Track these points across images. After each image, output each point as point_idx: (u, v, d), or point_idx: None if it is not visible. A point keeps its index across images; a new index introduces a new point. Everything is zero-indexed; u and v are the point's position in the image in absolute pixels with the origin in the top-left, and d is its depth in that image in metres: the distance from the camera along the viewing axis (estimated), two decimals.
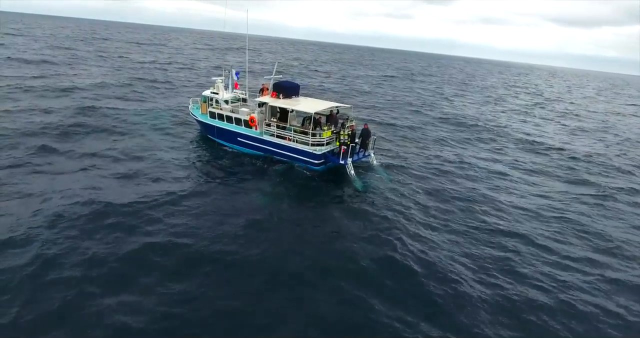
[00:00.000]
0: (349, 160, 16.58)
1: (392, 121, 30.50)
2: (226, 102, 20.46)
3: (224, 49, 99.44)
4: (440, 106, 41.28)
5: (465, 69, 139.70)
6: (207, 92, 21.38)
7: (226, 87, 21.57)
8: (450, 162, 21.18)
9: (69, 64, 44.34)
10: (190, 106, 23.78)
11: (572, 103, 58.27)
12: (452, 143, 25.80)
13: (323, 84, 48.63)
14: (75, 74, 37.77)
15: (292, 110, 17.50)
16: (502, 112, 42.17)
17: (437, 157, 22.05)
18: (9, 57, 43.16)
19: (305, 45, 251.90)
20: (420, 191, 16.39)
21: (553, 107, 51.33)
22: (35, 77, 33.91)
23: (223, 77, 21.54)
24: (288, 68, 65.63)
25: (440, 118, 34.04)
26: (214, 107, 20.60)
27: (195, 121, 22.87)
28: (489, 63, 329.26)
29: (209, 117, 20.93)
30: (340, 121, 18.08)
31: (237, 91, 21.87)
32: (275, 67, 20.20)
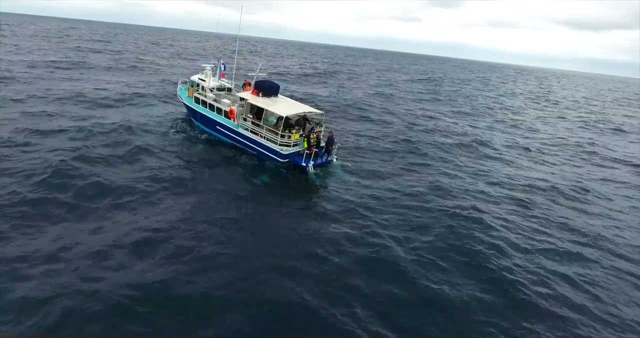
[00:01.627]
0: (311, 163, 17.50)
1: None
2: (211, 90, 21.55)
3: (248, 53, 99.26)
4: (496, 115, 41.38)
5: (490, 74, 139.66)
6: (195, 77, 22.55)
7: (214, 75, 22.71)
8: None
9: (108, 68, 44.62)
10: (178, 87, 24.90)
11: None
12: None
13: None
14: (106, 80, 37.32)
15: (267, 110, 18.45)
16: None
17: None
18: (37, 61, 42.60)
19: (316, 48, 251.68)
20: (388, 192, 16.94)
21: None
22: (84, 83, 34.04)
23: (212, 65, 22.67)
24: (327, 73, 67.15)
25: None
26: (199, 93, 21.70)
27: (182, 103, 24.13)
28: (503, 67, 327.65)
29: (193, 102, 22.08)
30: (310, 126, 19.07)
31: (223, 80, 22.92)
32: (259, 66, 21.21)
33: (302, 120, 19.14)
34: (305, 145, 17.63)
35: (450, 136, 28.53)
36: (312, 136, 17.59)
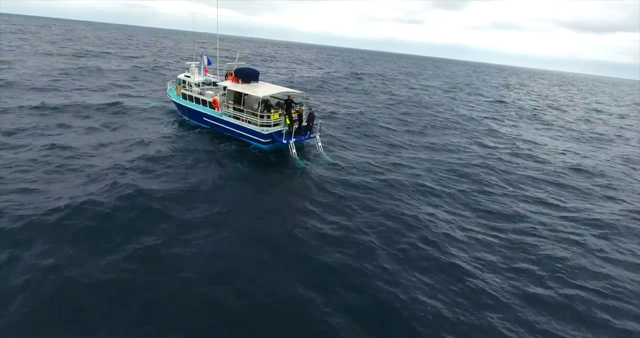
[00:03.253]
0: (292, 141, 18.47)
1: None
2: (198, 85, 22.63)
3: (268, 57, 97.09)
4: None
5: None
6: (181, 75, 23.68)
7: (199, 72, 23.89)
8: None
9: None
10: (168, 88, 26.10)
11: None
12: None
13: None
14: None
15: (246, 94, 19.46)
16: None
17: None
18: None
19: (322, 50, 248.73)
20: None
21: None
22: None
23: (197, 63, 23.82)
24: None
25: None
26: (185, 89, 22.84)
27: (172, 101, 25.12)
28: (510, 69, 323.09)
29: (181, 98, 23.17)
30: (293, 105, 20.09)
31: (208, 75, 24.08)
32: (238, 55, 22.30)
33: (283, 103, 19.88)
34: (288, 122, 18.67)
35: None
36: (292, 111, 18.63)
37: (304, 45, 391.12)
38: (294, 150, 18.47)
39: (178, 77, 23.99)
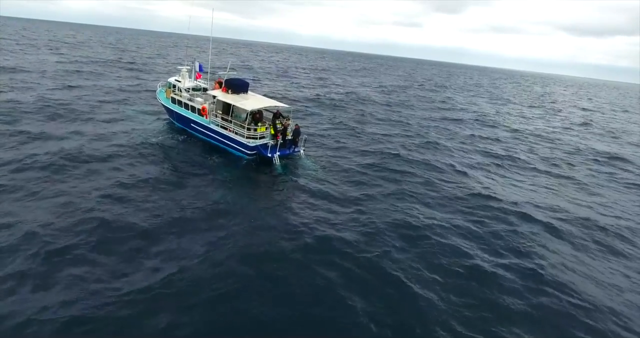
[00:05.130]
0: (276, 154, 18.59)
1: None
2: (187, 90, 22.51)
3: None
4: None
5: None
6: (172, 79, 23.58)
7: (190, 77, 23.78)
8: None
9: None
10: (157, 90, 25.93)
11: None
12: None
13: None
14: None
15: (234, 106, 19.36)
16: None
17: None
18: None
19: (326, 54, 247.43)
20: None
21: None
22: None
23: (189, 67, 23.72)
24: None
25: None
26: (175, 93, 22.77)
27: (161, 104, 25.03)
28: (514, 73, 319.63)
29: (170, 102, 23.13)
30: (280, 117, 20.01)
31: (199, 81, 23.96)
32: (230, 64, 22.21)
33: (262, 111, 19.88)
34: (272, 132, 18.75)
35: None
36: (277, 122, 18.73)
37: (305, 48, 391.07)
38: (277, 162, 18.64)
39: (168, 80, 23.86)
